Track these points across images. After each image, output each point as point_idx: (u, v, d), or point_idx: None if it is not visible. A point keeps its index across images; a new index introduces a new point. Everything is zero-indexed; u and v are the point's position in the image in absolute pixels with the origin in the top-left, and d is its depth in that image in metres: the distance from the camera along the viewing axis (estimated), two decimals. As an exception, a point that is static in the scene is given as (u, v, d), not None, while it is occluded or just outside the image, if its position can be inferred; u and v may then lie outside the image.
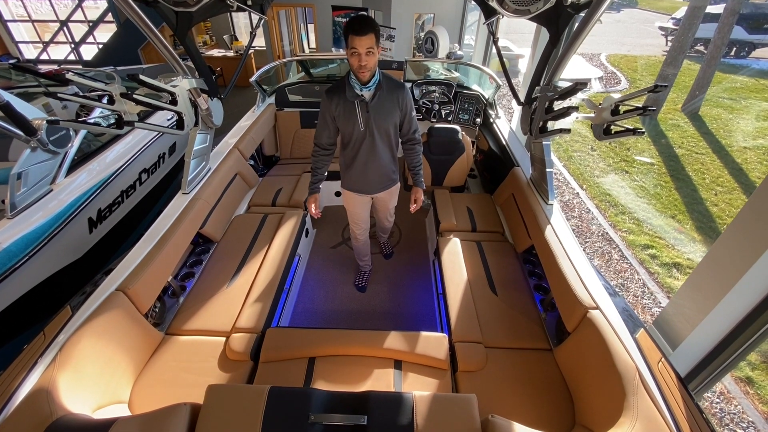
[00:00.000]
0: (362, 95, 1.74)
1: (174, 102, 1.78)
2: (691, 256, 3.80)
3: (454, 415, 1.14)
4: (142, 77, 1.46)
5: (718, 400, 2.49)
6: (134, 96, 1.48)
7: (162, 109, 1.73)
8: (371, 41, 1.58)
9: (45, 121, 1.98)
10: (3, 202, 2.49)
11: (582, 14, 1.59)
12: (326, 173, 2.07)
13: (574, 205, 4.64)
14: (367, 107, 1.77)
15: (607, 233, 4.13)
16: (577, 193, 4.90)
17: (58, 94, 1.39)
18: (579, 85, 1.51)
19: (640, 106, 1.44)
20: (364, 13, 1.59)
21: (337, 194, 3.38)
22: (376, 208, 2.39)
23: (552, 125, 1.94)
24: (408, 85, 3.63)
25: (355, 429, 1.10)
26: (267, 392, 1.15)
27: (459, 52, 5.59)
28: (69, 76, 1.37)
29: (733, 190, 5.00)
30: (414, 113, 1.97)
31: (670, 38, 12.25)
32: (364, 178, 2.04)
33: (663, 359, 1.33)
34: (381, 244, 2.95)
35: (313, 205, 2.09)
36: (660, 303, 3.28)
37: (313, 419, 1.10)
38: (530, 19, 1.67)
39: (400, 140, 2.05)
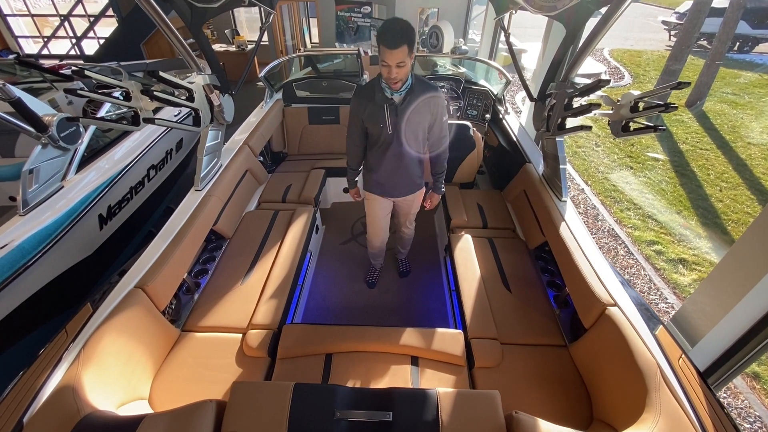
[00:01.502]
0: (392, 98, 1.70)
1: (191, 99, 1.77)
2: (696, 252, 3.81)
3: (478, 412, 1.15)
4: (162, 74, 1.45)
5: (725, 395, 2.51)
6: (154, 93, 1.47)
7: (180, 105, 1.72)
8: (403, 54, 1.50)
9: (64, 118, 1.97)
10: (11, 198, 2.49)
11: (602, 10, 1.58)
12: (361, 168, 2.13)
13: (579, 201, 4.64)
14: (396, 110, 1.72)
15: (612, 229, 4.14)
16: (582, 189, 4.90)
17: (78, 91, 1.38)
18: (602, 82, 1.50)
19: (661, 102, 1.44)
20: (399, 18, 1.55)
21: (345, 191, 3.37)
22: (396, 212, 2.33)
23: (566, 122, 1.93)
24: None
25: (380, 425, 1.11)
26: (292, 389, 1.16)
27: (464, 47, 5.55)
28: (87, 72, 1.35)
29: (738, 186, 5.00)
30: (446, 118, 1.89)
31: (673, 33, 12.19)
32: (388, 182, 2.00)
33: (683, 356, 1.34)
34: (398, 261, 2.85)
35: (355, 192, 2.23)
36: (666, 299, 3.30)
37: (339, 416, 1.11)
38: (551, 15, 1.65)
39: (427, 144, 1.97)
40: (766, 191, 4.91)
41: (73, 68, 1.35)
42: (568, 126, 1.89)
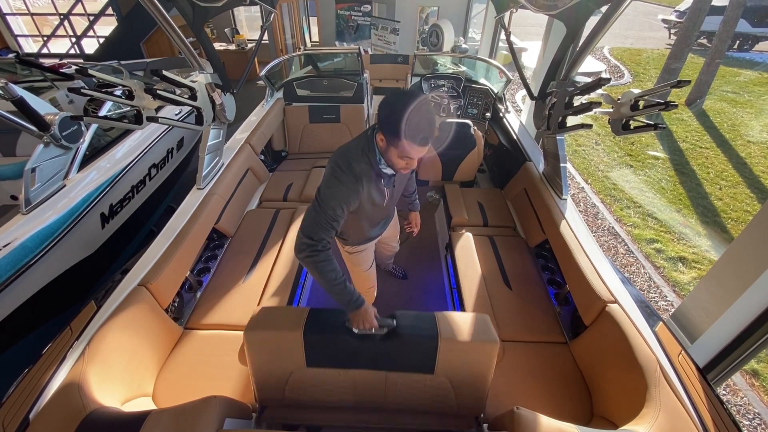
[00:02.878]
0: (391, 176, 1.48)
1: (194, 97, 1.78)
2: (696, 250, 3.82)
3: (472, 327, 1.31)
4: (165, 73, 1.46)
5: (724, 392, 2.52)
6: (157, 92, 1.48)
7: (183, 104, 1.73)
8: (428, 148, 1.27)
9: (66, 117, 1.97)
10: (12, 197, 2.50)
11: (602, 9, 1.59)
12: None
13: (579, 200, 4.65)
14: (393, 183, 1.53)
15: (612, 227, 4.15)
16: (582, 187, 4.91)
17: (81, 90, 1.39)
18: (603, 81, 1.51)
19: (662, 101, 1.44)
20: (422, 104, 1.16)
21: None
22: (382, 243, 2.18)
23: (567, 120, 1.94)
24: (416, 79, 3.62)
25: (385, 336, 1.30)
26: (308, 311, 1.35)
27: (464, 46, 5.56)
28: (91, 71, 1.36)
29: (738, 184, 5.01)
30: None
31: (673, 31, 12.17)
32: (373, 234, 1.82)
33: (683, 352, 1.35)
34: (391, 271, 2.74)
35: (373, 316, 1.36)
36: (666, 296, 3.31)
37: (348, 324, 1.30)
38: (552, 14, 1.66)
39: None
40: (766, 189, 4.92)
41: (76, 67, 1.36)
42: (568, 124, 1.90)
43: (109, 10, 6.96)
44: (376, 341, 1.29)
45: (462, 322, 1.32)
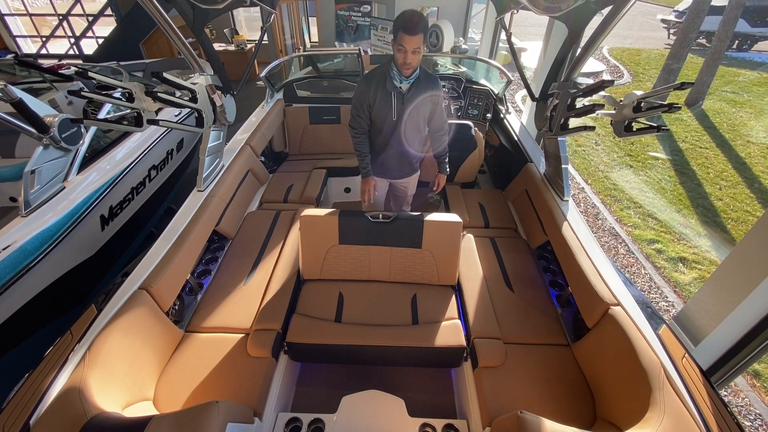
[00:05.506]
0: (400, 87, 1.83)
1: (194, 99, 1.77)
2: (696, 250, 3.82)
3: (444, 216, 1.91)
4: (165, 75, 1.45)
5: (725, 393, 2.52)
6: (158, 94, 1.47)
7: (184, 106, 1.72)
8: (419, 41, 1.65)
9: (66, 119, 1.96)
10: (11, 199, 2.48)
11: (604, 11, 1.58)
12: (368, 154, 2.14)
13: (580, 200, 4.65)
14: (403, 99, 1.85)
15: (612, 228, 4.15)
16: (582, 188, 4.91)
17: (81, 92, 1.38)
18: (606, 83, 1.50)
19: (664, 102, 1.44)
20: (414, 9, 1.75)
21: (347, 190, 3.37)
22: (394, 195, 2.47)
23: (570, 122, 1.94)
24: None
25: (391, 222, 1.88)
26: (339, 212, 1.92)
27: (464, 47, 5.55)
28: (91, 74, 1.36)
29: (737, 185, 5.01)
30: (443, 106, 2.08)
31: (672, 31, 12.19)
32: (387, 164, 2.14)
33: (686, 355, 1.35)
34: None
35: (372, 188, 2.17)
36: (667, 297, 3.31)
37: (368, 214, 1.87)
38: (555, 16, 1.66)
39: (428, 131, 2.15)
40: (766, 189, 4.92)
41: (76, 69, 1.35)
42: (571, 126, 1.90)
43: (108, 11, 6.95)
44: (384, 226, 1.89)
45: (438, 222, 1.91)
